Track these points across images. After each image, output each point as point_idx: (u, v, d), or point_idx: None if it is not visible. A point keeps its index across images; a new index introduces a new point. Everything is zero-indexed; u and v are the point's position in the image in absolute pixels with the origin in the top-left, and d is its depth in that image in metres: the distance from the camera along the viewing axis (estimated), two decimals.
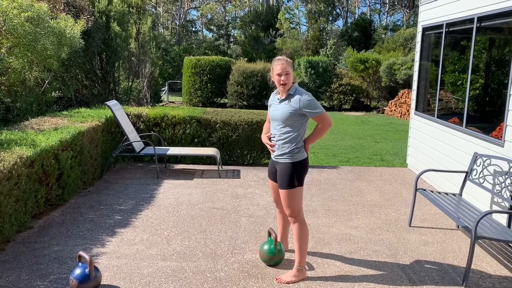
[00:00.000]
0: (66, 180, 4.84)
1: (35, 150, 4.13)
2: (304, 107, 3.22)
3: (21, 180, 3.87)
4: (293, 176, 3.29)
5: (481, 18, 5.04)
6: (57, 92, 7.69)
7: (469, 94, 5.27)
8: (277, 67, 3.29)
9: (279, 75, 3.28)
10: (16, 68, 6.53)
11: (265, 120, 6.95)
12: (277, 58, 3.36)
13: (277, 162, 3.38)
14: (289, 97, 3.29)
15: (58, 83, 8.11)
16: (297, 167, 3.30)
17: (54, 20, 7.01)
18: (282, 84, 3.29)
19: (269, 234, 3.59)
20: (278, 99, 3.37)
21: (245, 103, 17.32)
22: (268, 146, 3.44)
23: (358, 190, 5.88)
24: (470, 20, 5.26)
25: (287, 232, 3.84)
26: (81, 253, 3.14)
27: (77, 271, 3.07)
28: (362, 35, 28.89)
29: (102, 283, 3.22)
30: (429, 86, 6.72)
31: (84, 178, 5.46)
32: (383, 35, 30.53)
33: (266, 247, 3.56)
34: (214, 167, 6.86)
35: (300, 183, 3.32)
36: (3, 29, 5.84)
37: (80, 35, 7.50)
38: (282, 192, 3.33)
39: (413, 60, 16.53)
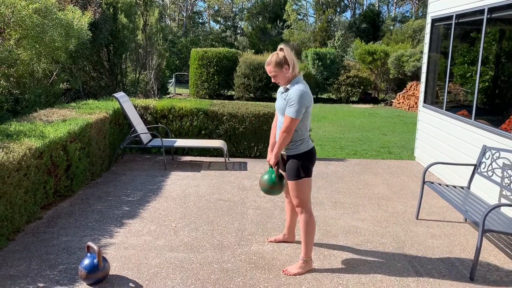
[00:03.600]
0: (74, 171, 4.88)
1: (43, 142, 4.16)
2: (287, 99, 3.22)
3: (30, 171, 3.91)
4: (299, 167, 3.28)
5: (491, 9, 4.97)
6: (65, 83, 7.73)
7: (478, 86, 5.22)
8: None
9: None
10: (25, 60, 6.56)
11: (273, 113, 6.95)
12: (267, 59, 3.30)
13: (285, 154, 3.38)
14: (287, 90, 3.28)
15: (66, 75, 8.15)
16: (303, 158, 3.29)
17: (62, 12, 7.03)
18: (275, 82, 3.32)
19: (271, 166, 3.45)
20: (281, 91, 3.37)
21: (252, 95, 17.29)
22: (272, 163, 3.37)
23: (365, 183, 5.87)
24: (481, 11, 5.19)
25: (294, 223, 3.85)
26: (90, 243, 3.17)
27: (86, 262, 3.11)
28: (370, 26, 28.65)
29: (110, 273, 3.26)
30: (438, 78, 6.67)
31: (92, 170, 5.50)
32: (392, 27, 30.27)
33: (266, 176, 3.42)
34: (221, 159, 6.87)
35: (307, 174, 3.32)
36: (12, 21, 5.86)
37: (87, 27, 7.51)
38: (289, 183, 3.34)
39: (421, 52, 16.39)
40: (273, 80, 3.32)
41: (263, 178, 3.43)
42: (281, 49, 3.26)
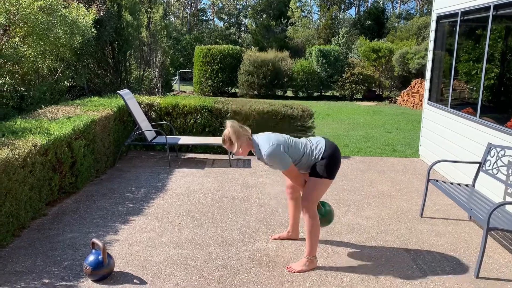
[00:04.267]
0: (79, 168, 4.90)
1: (49, 139, 4.18)
2: (272, 164, 3.28)
3: (35, 168, 3.93)
4: (321, 167, 3.31)
5: (497, 6, 4.94)
6: (69, 81, 7.75)
7: (483, 84, 5.19)
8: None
9: None
10: (30, 57, 6.58)
11: (277, 111, 6.93)
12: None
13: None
14: (260, 155, 3.30)
15: (70, 72, 8.17)
16: (328, 158, 3.32)
17: (66, 9, 7.04)
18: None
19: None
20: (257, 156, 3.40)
21: (256, 92, 17.28)
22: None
23: (369, 181, 5.86)
24: (486, 8, 5.16)
25: (298, 220, 3.85)
26: (95, 240, 3.18)
27: (91, 258, 3.12)
28: (375, 23, 28.53)
29: (115, 270, 3.27)
30: (443, 75, 6.64)
31: (97, 167, 5.52)
32: (396, 24, 30.15)
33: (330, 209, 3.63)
34: (225, 157, 6.88)
35: (329, 176, 3.33)
36: (17, 18, 5.88)
37: (92, 24, 7.52)
38: (309, 179, 3.36)
39: (426, 49, 16.31)
40: (235, 153, 3.37)
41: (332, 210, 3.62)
42: (227, 128, 3.31)
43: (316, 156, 3.33)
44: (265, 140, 3.27)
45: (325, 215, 3.53)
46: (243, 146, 3.31)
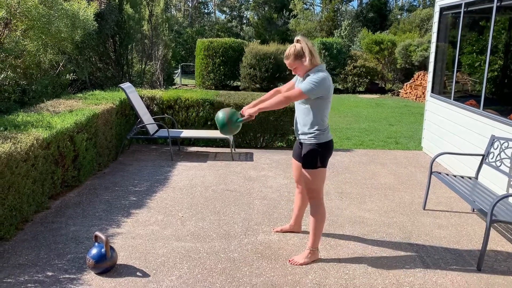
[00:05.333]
0: (81, 161, 4.90)
1: (51, 132, 4.18)
2: (307, 80, 3.17)
3: (38, 162, 3.93)
4: (316, 157, 3.27)
5: None
6: (71, 74, 7.74)
7: (487, 76, 5.16)
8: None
9: None
10: (31, 51, 6.57)
11: None
12: (285, 53, 3.27)
13: (301, 142, 3.37)
14: (306, 77, 3.25)
15: (72, 66, 8.15)
16: (322, 148, 3.28)
17: (68, 2, 7.02)
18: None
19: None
20: (300, 79, 3.34)
21: (258, 85, 17.23)
22: (246, 115, 3.29)
23: (372, 173, 5.85)
24: (490, 0, 5.11)
25: (302, 214, 3.85)
26: (97, 233, 3.19)
27: (94, 251, 3.13)
28: (378, 16, 28.36)
29: (118, 262, 3.29)
30: (446, 68, 6.60)
31: (99, 160, 5.53)
32: (399, 16, 29.97)
33: (231, 112, 3.32)
34: (227, 150, 6.87)
35: (323, 165, 3.31)
36: (18, 11, 5.86)
37: (93, 17, 7.49)
38: (305, 172, 3.33)
39: (429, 42, 16.21)
40: (293, 73, 3.31)
41: (227, 109, 3.32)
42: (298, 41, 3.25)
43: (319, 135, 3.25)
44: (326, 73, 3.20)
45: (235, 124, 3.31)
46: (304, 67, 3.21)
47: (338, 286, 3.07)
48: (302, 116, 3.30)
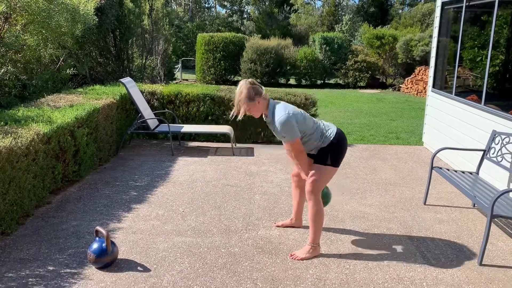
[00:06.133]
0: (82, 156, 4.90)
1: (51, 127, 4.18)
2: (276, 132, 3.25)
3: (38, 156, 3.93)
4: (328, 154, 3.30)
5: None
6: (72, 69, 7.72)
7: (488, 70, 5.14)
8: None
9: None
10: (31, 45, 6.55)
11: (279, 99, 6.90)
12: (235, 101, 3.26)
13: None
14: (270, 124, 3.28)
15: (72, 61, 8.14)
16: (333, 146, 3.31)
17: None
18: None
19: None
20: (267, 121, 3.34)
21: (258, 80, 17.16)
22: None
23: (372, 168, 5.84)
24: None
25: (302, 208, 3.85)
26: (98, 228, 3.19)
27: (95, 246, 3.14)
28: (379, 10, 28.26)
29: (118, 257, 3.29)
30: (447, 62, 6.58)
31: (100, 155, 5.53)
32: (400, 11, 29.85)
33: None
34: (228, 145, 6.87)
35: (334, 164, 3.32)
36: (18, 6, 5.84)
37: (93, 12, 7.46)
38: (313, 166, 3.35)
39: (430, 36, 16.15)
40: (248, 114, 3.29)
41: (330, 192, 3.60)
42: (245, 85, 3.21)
43: (325, 140, 3.32)
44: (282, 107, 3.21)
45: (323, 198, 3.51)
46: (259, 106, 3.23)
47: (338, 281, 3.07)
48: (309, 144, 3.36)
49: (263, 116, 3.36)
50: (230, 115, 3.33)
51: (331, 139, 3.32)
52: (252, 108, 3.23)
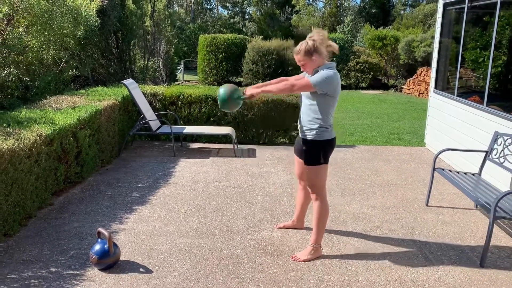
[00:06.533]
0: (84, 158, 4.91)
1: (54, 129, 4.19)
2: (317, 76, 3.18)
3: (41, 158, 3.94)
4: (319, 153, 3.29)
5: None
6: (74, 71, 7.74)
7: (490, 71, 5.13)
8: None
9: None
10: (34, 47, 6.57)
11: (282, 100, 6.90)
12: (296, 48, 3.26)
13: (304, 138, 3.35)
14: (315, 73, 3.26)
15: (75, 62, 8.15)
16: (324, 145, 3.29)
17: None
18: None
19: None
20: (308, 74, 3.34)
21: (260, 81, 17.20)
22: (248, 94, 3.33)
23: (374, 170, 5.84)
24: None
25: (305, 211, 3.85)
26: (100, 229, 3.20)
27: (97, 247, 3.14)
28: (380, 11, 28.24)
29: (121, 258, 3.29)
30: (449, 63, 6.57)
31: (102, 156, 5.53)
32: (402, 11, 29.83)
33: (234, 89, 3.41)
34: (230, 146, 6.87)
35: (326, 161, 3.32)
36: (20, 7, 5.86)
37: (95, 14, 7.48)
38: (308, 169, 3.33)
39: (432, 37, 16.13)
40: (302, 69, 3.32)
41: (229, 86, 3.37)
42: (311, 38, 3.23)
43: (324, 132, 3.26)
44: (335, 70, 3.22)
45: (237, 100, 3.38)
46: (313, 63, 3.23)
47: (340, 283, 3.07)
48: (308, 112, 3.30)
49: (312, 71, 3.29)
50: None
51: (332, 138, 3.32)
52: (307, 63, 3.24)
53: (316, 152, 3.29)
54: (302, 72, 3.46)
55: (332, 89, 3.18)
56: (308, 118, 3.30)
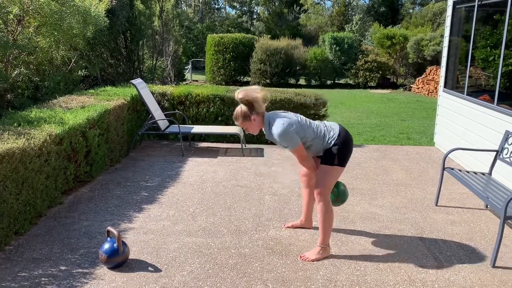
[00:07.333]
0: (93, 157, 4.94)
1: (63, 128, 4.22)
2: (281, 142, 3.24)
3: (51, 157, 3.98)
4: (335, 153, 3.29)
5: None
6: (83, 70, 7.79)
7: (501, 70, 5.08)
8: None
9: None
10: (44, 47, 6.62)
11: (289, 99, 6.89)
12: (233, 116, 3.32)
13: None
14: (270, 136, 3.30)
15: (84, 62, 8.21)
16: (340, 145, 3.30)
17: None
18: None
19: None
20: (266, 133, 3.37)
21: (268, 81, 17.19)
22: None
23: (383, 169, 5.81)
24: None
25: (311, 209, 3.84)
26: (110, 228, 3.22)
27: (106, 246, 3.16)
28: (389, 10, 28.08)
29: (130, 257, 3.31)
30: (459, 62, 6.51)
31: (111, 156, 5.57)
32: (411, 10, 29.64)
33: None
34: (238, 145, 6.88)
35: (341, 163, 3.31)
36: (30, 8, 5.91)
37: (104, 14, 7.53)
38: (320, 166, 3.35)
39: (442, 36, 16.01)
40: (247, 132, 3.36)
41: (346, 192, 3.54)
42: (241, 99, 3.23)
43: (329, 141, 3.30)
44: (278, 119, 3.23)
45: (338, 196, 3.48)
46: (255, 124, 3.28)
47: (349, 283, 3.06)
48: (310, 149, 3.36)
49: (263, 130, 3.37)
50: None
51: (335, 140, 3.30)
52: (249, 126, 3.29)
53: (332, 152, 3.30)
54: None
55: (296, 133, 3.20)
56: (315, 149, 3.36)
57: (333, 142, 3.30)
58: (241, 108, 3.26)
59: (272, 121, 3.25)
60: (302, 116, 3.37)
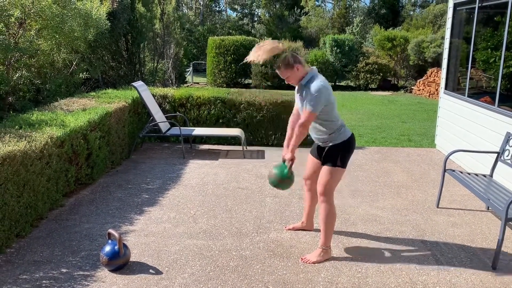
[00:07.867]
0: (95, 159, 4.95)
1: (64, 131, 4.23)
2: (305, 96, 3.22)
3: (52, 160, 3.98)
4: (337, 156, 3.31)
5: None
6: (84, 73, 7.81)
7: (502, 72, 5.07)
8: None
9: None
10: (45, 50, 6.64)
11: (290, 101, 6.89)
12: (277, 63, 3.31)
13: (321, 144, 3.44)
14: (302, 88, 3.29)
15: (85, 65, 8.23)
16: (341, 147, 3.31)
17: (81, 2, 7.07)
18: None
19: (284, 161, 3.41)
20: (297, 91, 3.39)
21: (269, 83, 17.21)
22: (287, 158, 3.34)
23: (384, 171, 5.80)
24: None
25: (313, 212, 3.84)
26: (111, 230, 3.22)
27: (107, 248, 3.16)
28: (390, 12, 28.09)
29: (131, 260, 3.31)
30: (460, 64, 6.51)
31: (112, 158, 5.57)
32: (412, 12, 29.64)
33: (277, 170, 3.38)
34: (239, 148, 6.88)
35: (343, 165, 3.32)
36: (32, 11, 5.93)
37: (106, 16, 7.55)
38: (323, 168, 3.36)
39: (442, 38, 16.02)
40: (286, 82, 3.35)
41: (273, 171, 3.40)
42: (283, 49, 3.27)
43: (340, 136, 3.31)
44: (321, 78, 3.23)
45: (286, 178, 3.37)
46: (298, 74, 3.27)
47: (350, 285, 3.05)
48: (316, 126, 3.34)
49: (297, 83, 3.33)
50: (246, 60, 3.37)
51: (348, 137, 3.34)
52: (291, 75, 3.26)
53: (334, 155, 3.31)
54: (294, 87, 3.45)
55: (327, 99, 3.20)
56: (319, 132, 3.34)
57: (343, 139, 3.31)
58: (286, 57, 3.27)
59: (316, 77, 3.24)
60: None
